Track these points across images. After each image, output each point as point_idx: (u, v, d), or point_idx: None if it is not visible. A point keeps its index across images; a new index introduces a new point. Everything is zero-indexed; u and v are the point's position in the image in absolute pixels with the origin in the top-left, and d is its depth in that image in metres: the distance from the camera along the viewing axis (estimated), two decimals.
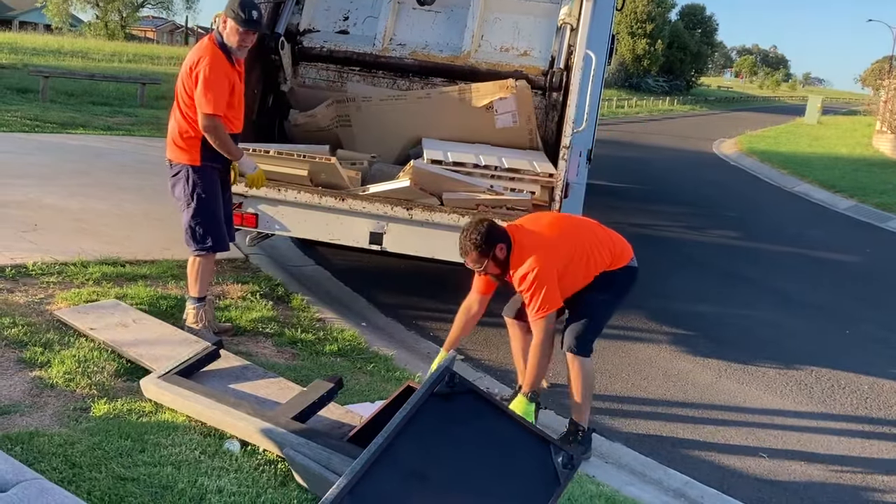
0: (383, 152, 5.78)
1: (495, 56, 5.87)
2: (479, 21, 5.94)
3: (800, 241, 10.60)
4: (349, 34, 6.09)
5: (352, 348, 4.62)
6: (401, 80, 6.08)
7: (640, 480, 3.82)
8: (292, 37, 6.02)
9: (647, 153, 21.00)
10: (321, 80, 6.17)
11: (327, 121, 5.85)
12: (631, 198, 12.64)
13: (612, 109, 37.09)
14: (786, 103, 76.30)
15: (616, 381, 5.01)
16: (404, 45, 6.01)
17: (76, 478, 2.74)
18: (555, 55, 5.69)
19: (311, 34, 6.10)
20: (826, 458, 4.31)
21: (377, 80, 6.10)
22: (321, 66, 6.16)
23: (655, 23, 55.43)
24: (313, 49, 6.09)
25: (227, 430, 3.19)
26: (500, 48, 5.90)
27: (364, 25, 6.11)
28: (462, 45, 5.91)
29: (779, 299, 7.40)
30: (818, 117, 38.45)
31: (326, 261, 6.71)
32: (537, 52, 5.87)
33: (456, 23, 6.00)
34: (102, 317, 4.26)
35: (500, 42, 5.92)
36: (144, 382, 3.49)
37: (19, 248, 5.41)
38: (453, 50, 5.93)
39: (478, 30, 5.93)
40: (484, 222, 3.65)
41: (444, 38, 6.00)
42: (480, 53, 5.90)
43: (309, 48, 6.09)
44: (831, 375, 5.50)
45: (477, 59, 5.87)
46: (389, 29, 6.05)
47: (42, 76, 15.73)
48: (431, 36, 6.02)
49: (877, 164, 20.77)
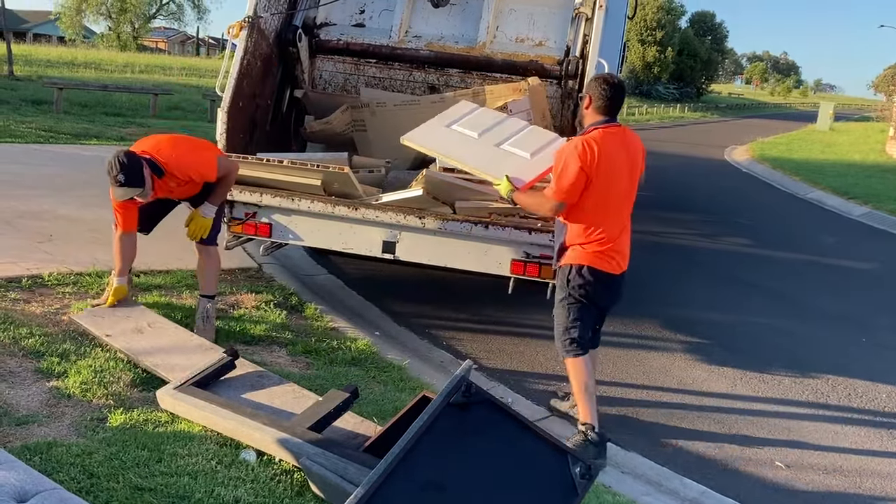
0: (399, 157, 5.81)
1: (510, 47, 5.94)
2: (495, 12, 6.02)
3: (814, 249, 10.54)
4: (365, 27, 6.19)
5: (365, 357, 4.62)
6: (417, 72, 6.15)
7: (656, 490, 3.80)
8: (309, 30, 6.11)
9: (658, 161, 20.91)
10: (338, 74, 6.26)
11: (342, 126, 5.89)
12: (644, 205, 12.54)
13: (622, 117, 36.92)
14: (797, 110, 76.04)
15: (631, 390, 4.99)
16: (420, 37, 6.10)
17: (94, 488, 2.75)
18: (570, 45, 5.76)
19: (327, 27, 6.20)
20: (844, 468, 4.27)
21: (393, 72, 6.20)
22: (338, 58, 6.27)
23: (665, 30, 55.43)
24: (330, 42, 6.18)
25: (244, 440, 3.20)
26: (515, 39, 5.97)
27: (380, 18, 6.21)
28: (477, 37, 5.99)
29: (793, 307, 7.35)
30: (830, 124, 38.26)
31: (339, 270, 6.72)
32: (552, 42, 5.94)
33: (471, 14, 6.10)
34: (118, 321, 4.27)
35: (516, 33, 5.99)
36: (161, 393, 3.50)
37: (35, 258, 5.45)
38: (469, 41, 6.01)
39: (493, 21, 6.00)
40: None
41: (459, 29, 6.09)
42: (496, 44, 5.98)
43: (326, 41, 6.18)
44: (848, 384, 5.45)
45: (492, 50, 5.95)
46: (405, 21, 6.14)
47: (56, 88, 15.87)
48: (447, 28, 6.12)
49: (890, 171, 20.64)
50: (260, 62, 5.49)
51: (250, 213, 5.05)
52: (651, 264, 8.45)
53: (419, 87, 6.28)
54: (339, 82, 6.40)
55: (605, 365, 5.35)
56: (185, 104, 19.40)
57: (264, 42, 5.55)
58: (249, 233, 5.11)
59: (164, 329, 4.28)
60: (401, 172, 5.62)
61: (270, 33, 5.64)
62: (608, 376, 5.16)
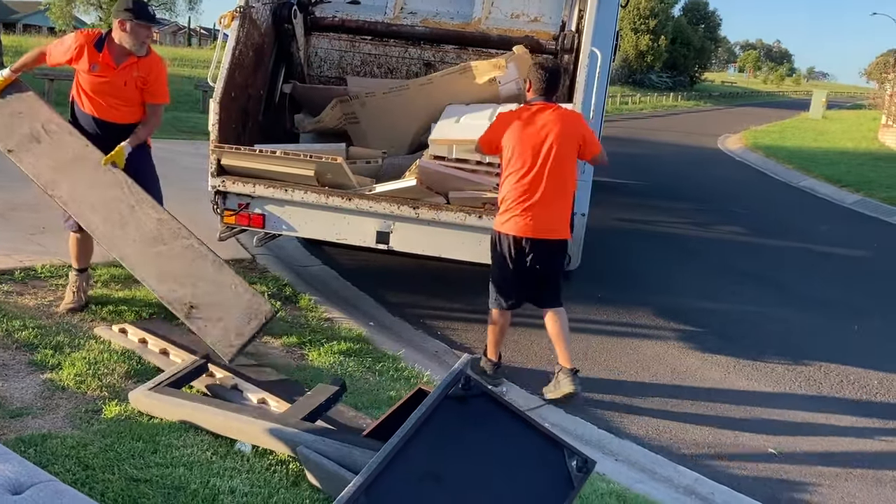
0: (396, 144, 5.82)
1: (506, 23, 5.95)
2: None
3: (806, 237, 10.58)
4: (360, 4, 6.19)
5: (360, 348, 4.63)
6: (412, 49, 6.16)
7: (650, 478, 3.82)
8: (304, 7, 6.10)
9: (651, 149, 20.97)
10: (333, 51, 6.27)
11: (335, 122, 5.87)
12: (637, 194, 12.62)
13: (616, 106, 37.04)
14: (790, 98, 76.11)
15: (625, 379, 5.01)
16: (415, 13, 6.10)
17: (89, 479, 2.76)
18: (565, 20, 5.76)
19: (322, 4, 6.21)
20: (836, 454, 4.30)
21: (388, 49, 6.20)
22: (333, 36, 6.26)
23: (658, 18, 55.32)
24: (325, 19, 6.17)
25: (234, 435, 3.17)
26: (510, 15, 5.98)
27: None
28: (472, 13, 6.00)
29: (786, 295, 7.39)
30: (823, 112, 38.33)
31: (333, 260, 6.71)
32: (548, 17, 5.96)
33: None
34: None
35: (511, 9, 6.00)
36: (135, 395, 3.41)
37: (28, 250, 5.43)
38: (464, 17, 6.02)
39: None
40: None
41: (454, 5, 6.11)
42: (491, 20, 5.98)
43: (321, 18, 6.17)
44: (840, 371, 5.49)
45: (487, 26, 5.95)
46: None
47: (47, 79, 15.75)
48: (442, 4, 6.13)
49: (883, 159, 20.70)
50: (252, 52, 5.46)
51: (243, 203, 5.04)
52: (644, 253, 8.47)
53: (414, 63, 6.28)
54: (334, 60, 6.40)
55: (598, 352, 5.38)
56: (177, 94, 19.22)
57: (256, 32, 5.52)
58: (243, 223, 5.10)
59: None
60: (397, 158, 5.61)
61: (262, 23, 5.61)
62: (602, 364, 5.18)
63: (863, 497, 3.90)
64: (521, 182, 4.21)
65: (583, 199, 5.84)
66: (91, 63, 4.31)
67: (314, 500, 2.83)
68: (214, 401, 3.35)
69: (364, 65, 6.33)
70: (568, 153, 4.25)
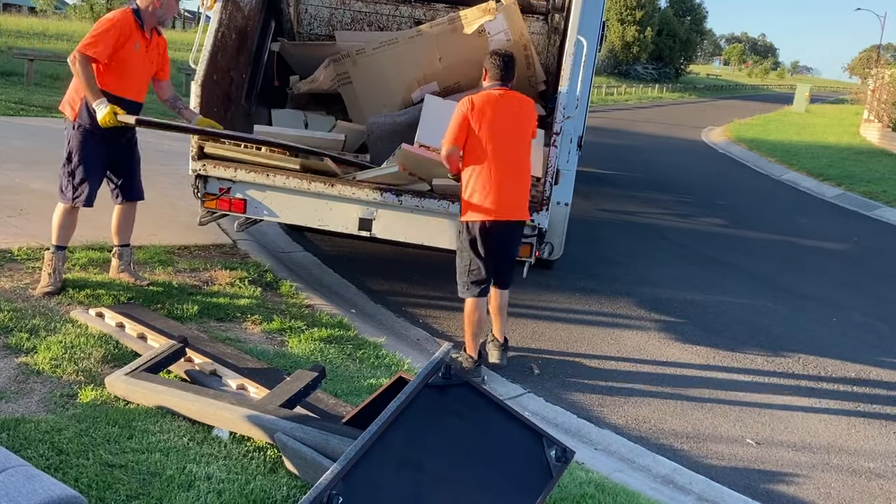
0: (388, 103, 5.81)
1: None
2: None
3: (788, 230, 10.65)
4: None
5: (341, 335, 4.60)
6: (403, 6, 6.17)
7: (628, 467, 3.84)
8: None
9: (636, 140, 21.01)
10: (323, 8, 6.31)
11: (328, 82, 5.86)
12: (620, 185, 12.65)
13: (601, 97, 37.08)
14: (774, 92, 76.54)
15: (605, 369, 5.02)
16: None
17: (63, 464, 2.72)
18: None
19: None
20: (813, 445, 4.34)
21: (379, 7, 6.22)
22: None
23: (645, 10, 55.35)
24: None
25: (211, 422, 3.14)
26: None
27: None
28: None
29: (766, 287, 7.43)
30: (806, 106, 38.61)
31: (315, 247, 6.67)
32: None
33: None
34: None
35: None
36: (111, 380, 3.36)
37: (5, 232, 5.35)
38: None
39: None
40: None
41: None
42: None
43: None
44: (818, 363, 5.53)
45: None
46: None
47: (27, 59, 15.53)
48: None
49: (864, 153, 20.88)
50: (235, 35, 5.40)
51: (224, 188, 4.99)
52: (627, 244, 8.49)
53: (405, 21, 6.26)
54: (324, 17, 6.37)
55: (579, 342, 5.38)
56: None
57: (240, 14, 5.45)
58: (224, 208, 5.05)
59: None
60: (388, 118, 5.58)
61: (246, 5, 5.54)
62: (583, 353, 5.19)
63: (839, 487, 3.93)
64: (490, 167, 4.23)
65: (566, 189, 5.83)
66: (135, 42, 4.39)
67: (291, 488, 2.81)
68: (192, 387, 3.31)
69: (354, 22, 6.31)
70: (528, 136, 4.42)
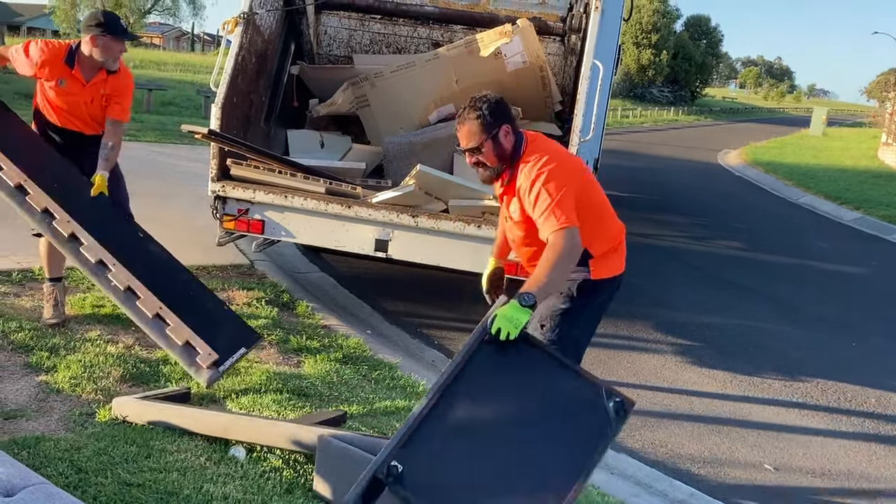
0: (405, 126, 5.90)
1: (514, 4, 6.14)
2: None
3: (805, 253, 10.58)
4: None
5: (357, 356, 4.61)
6: (421, 28, 6.22)
7: (645, 492, 3.81)
8: None
9: (652, 163, 20.99)
10: (343, 30, 6.37)
11: (347, 105, 5.94)
12: (636, 208, 12.63)
13: (617, 119, 37.14)
14: (790, 115, 76.25)
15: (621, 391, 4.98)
16: None
17: (82, 483, 2.74)
18: (573, 2, 5.80)
19: None
20: (833, 471, 4.29)
21: (398, 28, 6.29)
22: (343, 14, 6.38)
23: (661, 33, 55.47)
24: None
25: (238, 437, 3.15)
26: None
27: None
28: None
29: (784, 311, 7.38)
30: (823, 129, 38.42)
31: (332, 268, 6.71)
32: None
33: None
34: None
35: None
36: (120, 402, 3.34)
37: (27, 252, 5.40)
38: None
39: None
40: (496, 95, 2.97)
41: None
42: (500, 1, 6.11)
43: None
44: (837, 388, 5.48)
45: (496, 7, 6.06)
46: None
47: None
48: None
49: (882, 176, 20.74)
50: (255, 59, 5.47)
51: (243, 209, 5.04)
52: (644, 266, 8.46)
53: (423, 43, 6.33)
54: (343, 39, 6.45)
55: (595, 365, 5.36)
56: (180, 100, 19.34)
57: (260, 38, 5.53)
58: (242, 229, 5.10)
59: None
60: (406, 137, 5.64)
61: (266, 29, 5.63)
62: (599, 376, 5.15)
63: None
64: (611, 217, 3.24)
65: None
66: (59, 78, 4.11)
67: None
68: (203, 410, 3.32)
69: (373, 44, 6.39)
70: None
